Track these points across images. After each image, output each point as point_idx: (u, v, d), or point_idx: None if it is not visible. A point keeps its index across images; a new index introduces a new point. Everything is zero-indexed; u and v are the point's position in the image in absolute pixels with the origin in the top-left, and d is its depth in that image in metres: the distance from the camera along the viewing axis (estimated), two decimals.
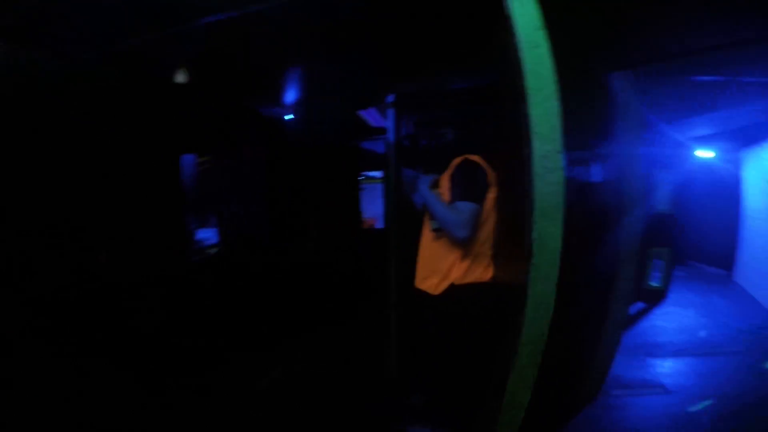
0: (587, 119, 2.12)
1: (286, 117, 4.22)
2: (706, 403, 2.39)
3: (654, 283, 4.72)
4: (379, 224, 6.93)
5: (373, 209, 6.84)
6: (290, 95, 3.65)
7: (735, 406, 2.35)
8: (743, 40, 2.22)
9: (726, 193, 5.67)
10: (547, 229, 1.11)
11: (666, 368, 2.92)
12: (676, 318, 4.07)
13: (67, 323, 2.02)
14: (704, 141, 5.22)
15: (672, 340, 3.47)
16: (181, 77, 2.85)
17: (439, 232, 1.77)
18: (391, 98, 2.54)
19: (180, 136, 2.99)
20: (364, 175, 6.42)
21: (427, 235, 1.87)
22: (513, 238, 1.65)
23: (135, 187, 2.58)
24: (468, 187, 1.67)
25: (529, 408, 1.28)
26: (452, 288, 1.74)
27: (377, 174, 7.50)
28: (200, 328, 2.95)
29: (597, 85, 2.32)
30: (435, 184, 1.85)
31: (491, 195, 1.71)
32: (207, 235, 6.09)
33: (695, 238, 6.26)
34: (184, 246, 3.22)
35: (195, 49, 2.36)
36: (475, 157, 1.76)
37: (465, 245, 1.70)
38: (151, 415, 2.22)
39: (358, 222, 5.24)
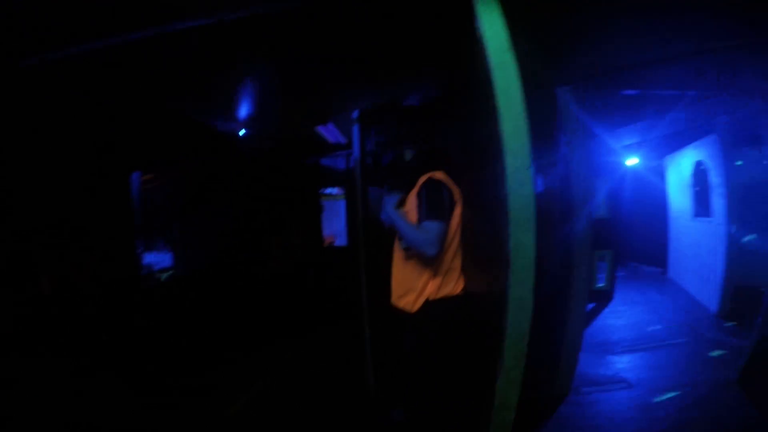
0: (542, 132, 2.28)
1: (241, 132, 4.10)
2: (670, 394, 2.58)
3: (600, 284, 5.07)
4: (340, 241, 6.89)
5: (332, 226, 6.80)
6: (244, 110, 3.57)
7: (694, 394, 2.56)
8: (662, 57, 2.52)
9: (654, 197, 6.28)
10: (522, 238, 1.19)
11: (625, 363, 3.13)
12: (624, 315, 4.40)
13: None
14: (633, 149, 5.77)
15: (625, 336, 3.74)
16: (128, 90, 2.68)
17: (409, 250, 1.80)
18: (355, 114, 2.56)
19: (124, 153, 2.81)
20: (323, 192, 6.36)
21: (398, 254, 1.90)
22: (480, 249, 1.73)
23: (79, 206, 2.39)
24: (434, 206, 1.70)
25: (517, 408, 1.33)
26: (427, 304, 1.77)
27: (336, 191, 7.49)
28: (155, 354, 2.76)
29: (547, 99, 2.51)
30: (401, 203, 1.88)
31: (457, 211, 1.77)
32: (156, 258, 5.71)
33: (631, 240, 6.85)
34: (133, 271, 3.01)
35: (144, 61, 2.25)
36: (440, 175, 1.81)
37: (436, 262, 1.75)
38: None
39: (319, 240, 5.18)
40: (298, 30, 2.05)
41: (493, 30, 1.35)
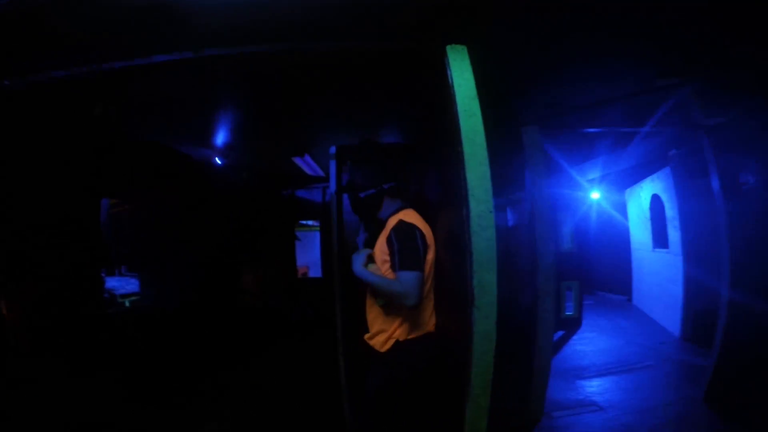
0: (508, 170, 2.43)
1: (217, 161, 4.11)
2: None
3: (569, 313, 5.23)
4: (314, 272, 6.84)
5: (306, 257, 6.76)
6: (221, 139, 3.59)
7: (663, 415, 2.66)
8: (616, 96, 2.74)
9: (616, 228, 6.62)
10: (485, 277, 1.28)
11: (595, 387, 3.22)
12: (592, 342, 4.53)
13: None
14: (595, 183, 6.11)
15: (594, 361, 3.86)
16: (99, 114, 2.67)
17: (388, 306, 1.77)
18: (332, 150, 2.64)
19: (93, 178, 2.77)
20: (298, 223, 6.36)
21: (369, 291, 1.88)
22: (448, 284, 1.78)
23: (43, 228, 2.33)
24: (408, 254, 1.63)
25: None
26: (397, 344, 1.75)
27: (311, 222, 7.49)
28: (118, 380, 2.64)
29: (513, 137, 2.67)
30: (369, 258, 1.84)
31: (430, 255, 1.74)
32: (120, 283, 5.48)
33: (597, 270, 7.13)
34: (96, 296, 2.91)
35: (121, 88, 2.28)
36: (412, 216, 1.79)
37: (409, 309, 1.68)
38: None
39: (293, 270, 5.13)
40: (279, 70, 2.14)
41: (461, 77, 1.46)
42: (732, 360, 2.66)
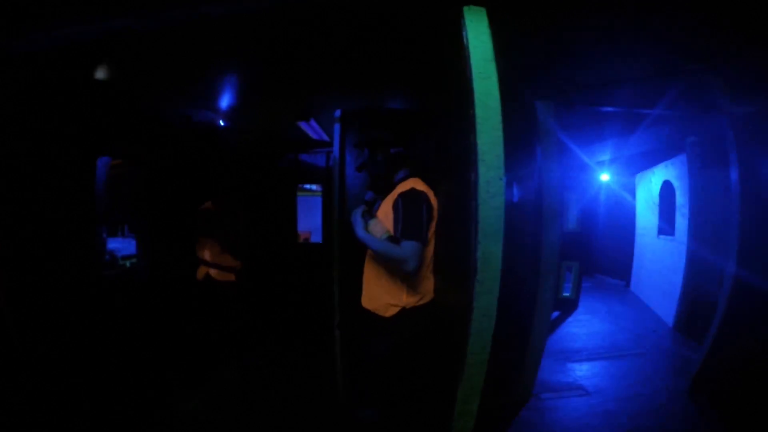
0: (518, 144, 2.33)
1: (221, 123, 4.01)
2: None
3: (566, 294, 5.23)
4: (315, 238, 6.82)
5: (308, 222, 6.72)
6: (225, 101, 3.48)
7: (647, 404, 2.68)
8: (634, 77, 2.61)
9: (623, 212, 6.53)
10: (490, 248, 1.21)
11: (584, 371, 3.24)
12: (586, 324, 4.54)
13: None
14: (605, 165, 5.97)
15: (586, 345, 3.87)
16: (102, 75, 2.59)
17: (392, 272, 1.77)
18: (337, 113, 2.54)
19: (94, 137, 2.70)
20: (300, 188, 6.29)
21: (371, 258, 1.88)
22: (451, 256, 1.74)
23: (41, 189, 2.28)
24: (413, 224, 1.65)
25: (477, 414, 1.35)
26: (403, 312, 1.76)
27: (314, 186, 7.41)
28: (115, 346, 2.66)
29: (525, 112, 2.56)
30: (369, 213, 1.84)
31: (433, 226, 1.74)
32: (121, 245, 5.49)
33: (598, 252, 7.10)
34: (95, 257, 2.88)
35: (121, 47, 2.17)
36: (421, 186, 1.78)
37: (407, 274, 1.70)
38: None
39: (294, 235, 5.11)
40: (285, 28, 2.02)
41: (478, 40, 1.36)
42: (722, 355, 2.66)
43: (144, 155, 3.35)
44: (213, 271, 3.02)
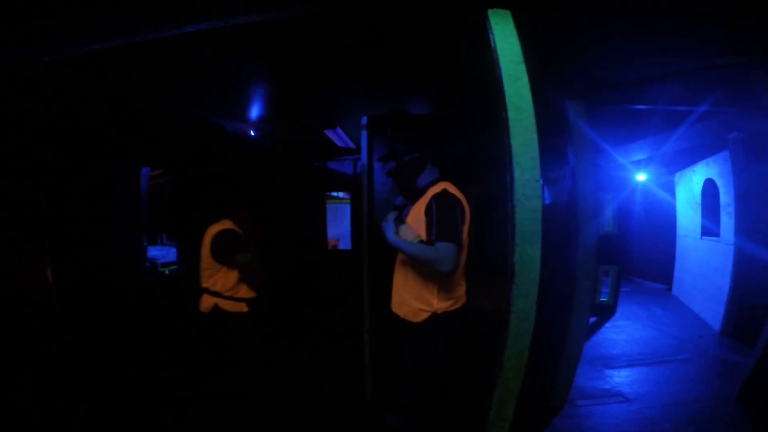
0: (550, 145, 2.29)
1: (252, 133, 4.15)
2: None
3: (603, 299, 5.04)
4: (344, 244, 6.90)
5: (337, 230, 6.81)
6: (255, 112, 3.60)
7: (691, 411, 2.54)
8: (672, 72, 2.52)
9: (662, 213, 6.24)
10: (528, 251, 1.19)
11: (623, 378, 3.10)
12: (626, 330, 4.36)
13: None
14: (642, 164, 5.74)
15: (625, 351, 3.71)
16: (143, 88, 2.74)
17: (423, 277, 1.75)
18: (364, 120, 2.57)
19: (136, 148, 2.85)
20: (328, 195, 6.38)
21: (401, 263, 1.87)
22: (484, 260, 1.72)
23: (86, 198, 2.42)
24: (447, 226, 1.61)
25: (513, 420, 1.33)
26: (434, 317, 1.74)
27: (340, 194, 7.50)
28: (152, 349, 2.76)
29: (556, 112, 2.51)
30: (400, 218, 1.83)
31: (466, 228, 1.72)
32: (161, 252, 5.73)
33: (637, 255, 6.80)
34: (136, 264, 3.02)
35: (158, 60, 2.30)
36: (453, 189, 1.76)
37: (443, 275, 1.67)
38: None
39: (324, 242, 5.18)
40: (309, 36, 2.08)
41: (506, 41, 1.36)
42: None
43: (183, 166, 3.50)
44: (225, 303, 2.35)
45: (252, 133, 4.11)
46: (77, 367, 2.22)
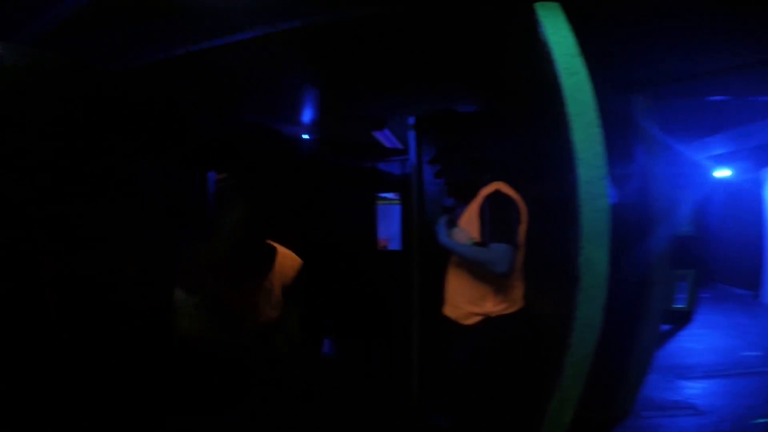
0: (615, 142, 2.14)
1: (304, 137, 4.31)
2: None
3: (679, 305, 4.63)
4: (393, 245, 6.94)
5: (387, 230, 6.87)
6: (307, 115, 3.72)
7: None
8: (748, 63, 2.26)
9: (748, 212, 5.60)
10: (594, 253, 1.12)
11: (697, 389, 2.85)
12: (704, 339, 4.01)
13: None
14: (723, 160, 5.19)
15: (701, 361, 3.41)
16: (199, 95, 2.91)
17: (477, 278, 1.69)
18: (411, 120, 2.57)
19: (198, 154, 3.04)
20: (379, 196, 6.46)
21: (455, 263, 1.82)
22: (542, 264, 1.64)
23: (161, 200, 2.60)
24: (502, 226, 1.57)
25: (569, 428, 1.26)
26: (487, 320, 1.67)
27: (391, 195, 7.56)
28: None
29: (620, 106, 2.35)
30: (452, 222, 1.79)
31: (522, 229, 1.65)
32: None
33: (719, 259, 6.16)
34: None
35: (218, 68, 2.44)
36: (506, 189, 1.69)
37: (498, 277, 1.61)
38: None
39: (374, 243, 5.24)
40: (356, 38, 2.11)
41: (558, 35, 1.29)
42: None
43: (247, 170, 3.69)
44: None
45: (304, 136, 4.26)
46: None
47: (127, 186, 2.41)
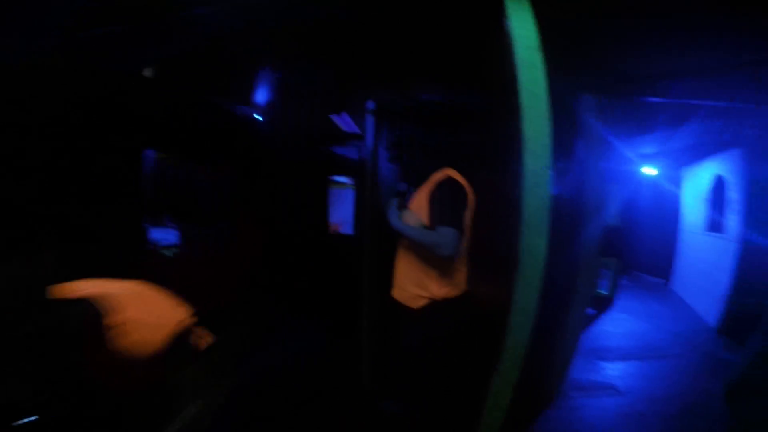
0: (560, 136, 2.25)
1: (257, 117, 4.11)
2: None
3: (602, 291, 5.05)
4: (345, 229, 6.90)
5: (339, 214, 6.80)
6: (262, 96, 3.56)
7: (680, 406, 2.57)
8: (690, 69, 2.47)
9: (667, 207, 6.21)
10: (534, 240, 1.18)
11: (616, 371, 3.13)
12: (622, 323, 4.38)
13: None
14: (650, 158, 5.68)
15: (620, 344, 3.74)
16: (148, 71, 2.69)
17: (424, 263, 1.76)
18: (370, 105, 2.54)
19: (140, 131, 2.81)
20: (333, 180, 6.36)
21: (404, 248, 1.87)
22: (485, 250, 1.72)
23: (87, 180, 2.39)
24: (450, 210, 1.64)
25: (507, 410, 1.34)
26: (433, 303, 1.75)
27: (344, 179, 7.47)
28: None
29: (568, 104, 2.47)
30: (403, 205, 1.84)
31: (468, 215, 1.73)
32: (163, 235, 5.74)
33: (638, 249, 6.80)
34: (139, 246, 3.02)
35: (168, 44, 2.25)
36: (457, 176, 1.76)
37: (444, 262, 1.70)
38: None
39: (326, 226, 5.18)
40: (318, 26, 2.03)
41: (522, 28, 1.32)
42: (763, 360, 2.49)
43: (190, 149, 3.46)
44: None
45: (258, 117, 4.06)
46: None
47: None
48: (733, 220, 4.25)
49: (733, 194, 4.30)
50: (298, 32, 2.13)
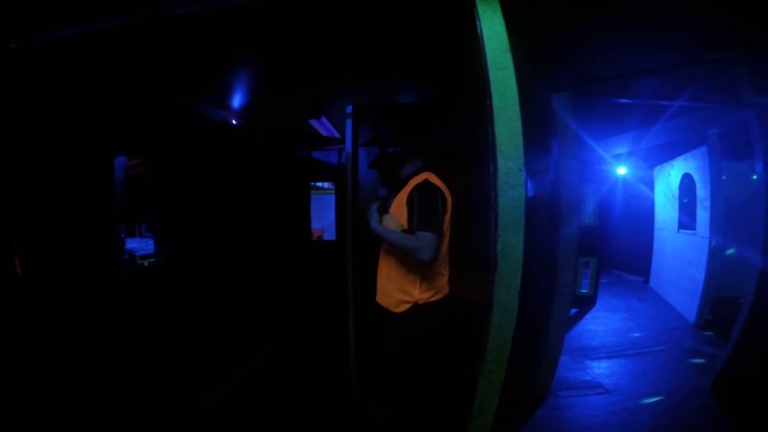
0: (534, 137, 2.29)
1: (234, 122, 4.05)
2: (653, 399, 2.63)
3: (583, 290, 5.13)
4: (328, 235, 6.85)
5: (322, 220, 6.75)
6: (238, 100, 3.51)
7: (668, 401, 2.61)
8: (657, 68, 2.54)
9: (641, 207, 6.37)
10: (510, 241, 1.18)
11: (603, 369, 3.17)
12: (604, 322, 4.45)
13: None
14: (623, 158, 5.84)
15: (604, 342, 3.79)
16: (114, 73, 2.62)
17: (405, 267, 1.76)
18: (349, 109, 2.53)
19: (112, 137, 2.74)
20: (313, 186, 6.31)
21: (385, 253, 1.87)
22: (466, 251, 1.72)
23: (60, 189, 2.32)
24: (428, 215, 1.63)
25: (496, 412, 1.33)
26: (415, 307, 1.75)
27: (326, 185, 7.43)
28: (133, 342, 2.70)
29: (541, 104, 2.51)
30: (384, 208, 1.84)
31: (447, 218, 1.73)
32: (139, 245, 5.60)
33: (616, 248, 6.95)
34: (114, 257, 2.92)
35: (137, 45, 2.20)
36: (434, 179, 1.77)
37: (425, 266, 1.68)
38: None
39: (308, 233, 5.13)
40: (295, 23, 2.01)
41: (493, 30, 1.33)
42: (746, 353, 2.57)
43: (160, 154, 3.38)
44: None
45: (234, 121, 4.00)
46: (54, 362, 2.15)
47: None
48: (702, 217, 4.39)
49: (701, 192, 4.45)
50: (274, 27, 2.09)
